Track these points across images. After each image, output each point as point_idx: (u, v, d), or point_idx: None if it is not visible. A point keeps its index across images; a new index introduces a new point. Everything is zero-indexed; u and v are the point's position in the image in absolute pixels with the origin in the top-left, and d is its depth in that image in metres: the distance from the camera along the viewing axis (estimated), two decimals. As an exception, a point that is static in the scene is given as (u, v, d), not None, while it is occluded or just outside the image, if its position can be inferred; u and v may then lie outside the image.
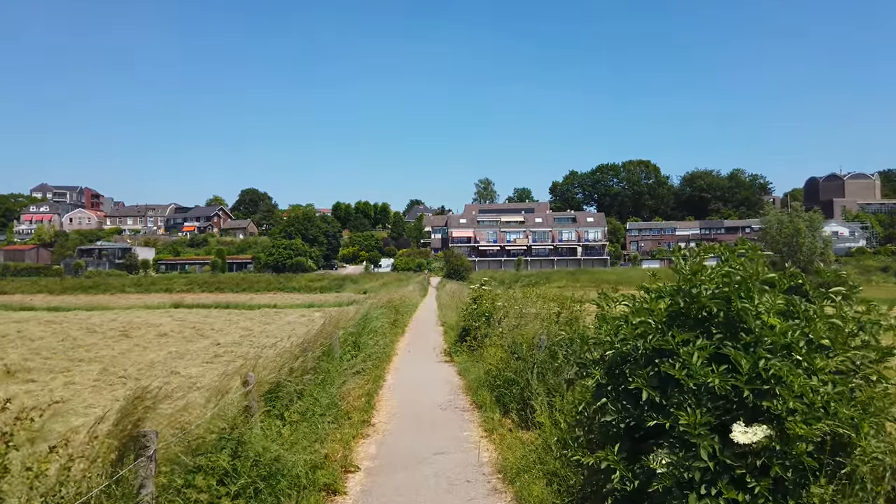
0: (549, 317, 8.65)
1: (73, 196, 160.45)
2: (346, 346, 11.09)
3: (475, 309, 13.64)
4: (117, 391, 13.42)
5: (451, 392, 10.31)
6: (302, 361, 6.77)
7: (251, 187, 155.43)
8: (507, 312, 11.50)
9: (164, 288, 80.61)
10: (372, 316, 16.07)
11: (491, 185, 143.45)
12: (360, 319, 14.50)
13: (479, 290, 14.37)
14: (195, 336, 26.72)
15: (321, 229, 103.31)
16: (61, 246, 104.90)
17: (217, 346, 22.24)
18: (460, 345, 14.09)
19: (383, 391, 10.38)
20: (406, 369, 13.06)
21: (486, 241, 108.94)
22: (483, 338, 11.87)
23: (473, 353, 12.45)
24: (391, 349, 15.25)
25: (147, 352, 21.55)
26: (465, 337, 14.00)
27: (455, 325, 18.06)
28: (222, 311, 46.34)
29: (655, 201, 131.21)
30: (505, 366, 8.28)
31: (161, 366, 17.24)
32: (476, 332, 12.73)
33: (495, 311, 12.11)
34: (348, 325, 12.59)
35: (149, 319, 38.12)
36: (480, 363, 10.72)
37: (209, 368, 16.52)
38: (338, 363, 9.29)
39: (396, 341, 17.71)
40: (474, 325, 13.07)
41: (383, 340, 14.68)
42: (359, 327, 13.70)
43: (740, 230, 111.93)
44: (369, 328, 14.45)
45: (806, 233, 50.02)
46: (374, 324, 15.21)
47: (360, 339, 12.63)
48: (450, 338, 17.07)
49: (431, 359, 14.53)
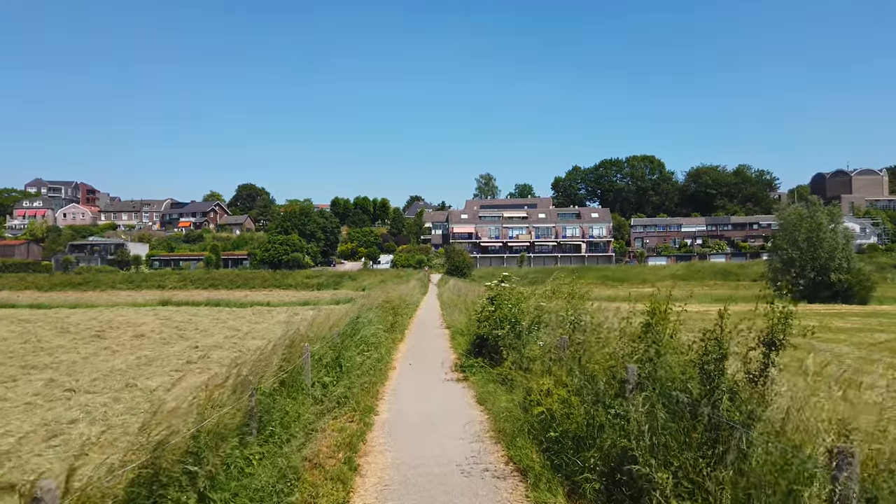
0: (631, 331, 5.56)
1: (68, 191, 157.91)
2: (321, 369, 8.36)
3: (493, 312, 10.95)
4: (54, 410, 11.05)
5: (473, 436, 7.26)
6: (224, 415, 4.11)
7: (248, 182, 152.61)
8: (541, 318, 8.97)
9: (157, 284, 78.22)
10: (363, 321, 13.35)
11: (492, 180, 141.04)
12: (347, 325, 11.70)
13: (496, 287, 11.68)
14: (174, 337, 24.33)
15: (319, 225, 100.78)
16: (52, 241, 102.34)
17: (195, 350, 19.86)
18: (475, 357, 11.50)
19: (373, 434, 7.44)
20: (406, 393, 10.13)
21: (487, 236, 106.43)
22: (510, 351, 9.35)
23: (494, 368, 9.97)
24: (387, 361, 12.54)
25: (115, 356, 19.14)
26: (481, 348, 11.49)
27: (464, 329, 15.43)
28: (212, 308, 43.97)
29: (660, 197, 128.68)
30: (565, 407, 5.33)
31: (121, 375, 14.81)
32: (497, 342, 10.18)
33: (522, 316, 9.56)
34: (329, 334, 9.92)
35: (132, 318, 35.83)
36: (510, 390, 8.18)
37: (175, 380, 14.10)
38: (304, 400, 6.61)
39: (394, 350, 14.98)
40: (494, 333, 10.42)
41: (377, 353, 11.98)
42: (344, 337, 10.83)
43: (747, 226, 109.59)
44: (359, 337, 11.67)
45: (826, 227, 47.52)
46: (365, 331, 12.38)
47: (345, 353, 9.75)
48: (458, 345, 14.46)
49: (438, 376, 11.70)
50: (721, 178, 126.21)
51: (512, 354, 8.93)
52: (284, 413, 5.33)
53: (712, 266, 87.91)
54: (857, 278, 46.83)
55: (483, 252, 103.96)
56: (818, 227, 47.55)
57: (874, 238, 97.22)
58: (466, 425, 7.70)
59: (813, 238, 47.53)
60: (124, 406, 10.79)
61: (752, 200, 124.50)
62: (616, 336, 6.01)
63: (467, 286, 36.14)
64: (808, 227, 47.55)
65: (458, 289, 33.06)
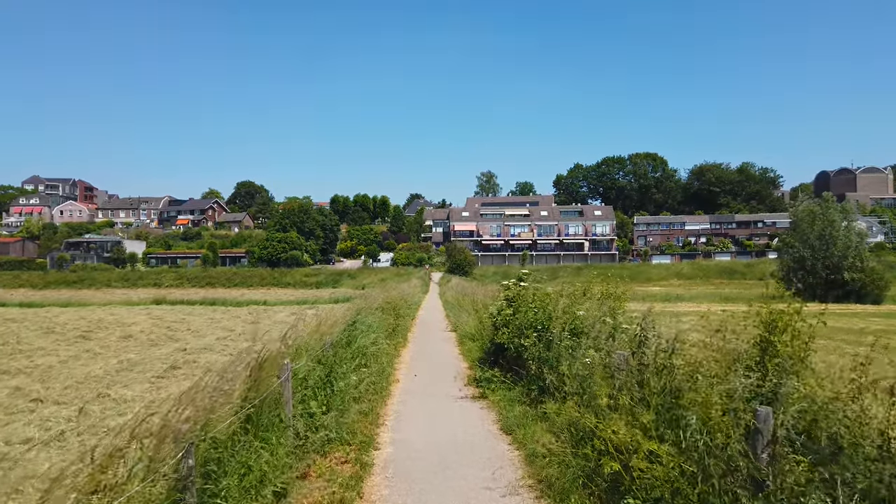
0: (729, 349, 3.95)
1: (65, 188, 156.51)
2: (307, 392, 6.33)
3: (512, 316, 9.31)
4: (11, 426, 9.74)
5: (507, 487, 5.45)
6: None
7: (248, 180, 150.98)
8: (575, 324, 7.52)
9: (153, 283, 76.93)
10: (361, 326, 11.40)
11: (493, 177, 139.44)
12: (341, 332, 9.71)
13: (516, 287, 10.02)
14: (163, 339, 23.01)
15: (318, 222, 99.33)
16: (47, 239, 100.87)
17: (182, 353, 18.53)
18: (490, 368, 9.88)
19: (373, 481, 5.62)
20: (414, 416, 8.24)
21: (489, 234, 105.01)
22: (541, 366, 7.59)
23: (517, 385, 8.41)
24: (389, 373, 10.78)
25: (96, 360, 17.84)
26: (497, 357, 10.02)
27: (474, 332, 13.92)
28: (207, 308, 42.65)
29: (662, 195, 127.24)
30: (657, 468, 3.56)
31: (96, 382, 13.48)
32: (521, 352, 8.47)
33: (552, 323, 8.02)
34: (318, 344, 7.92)
35: (123, 317, 34.58)
36: (544, 415, 6.71)
37: (154, 387, 12.83)
38: (281, 439, 4.75)
39: (396, 358, 13.30)
40: (517, 342, 8.72)
41: (377, 364, 10.13)
42: (337, 348, 8.77)
43: (752, 224, 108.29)
44: (355, 347, 9.49)
45: (839, 225, 46.18)
46: (363, 339, 10.25)
47: (337, 369, 7.53)
48: (468, 351, 12.92)
49: (450, 391, 9.88)
50: (725, 176, 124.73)
51: (547, 373, 7.17)
52: (246, 469, 3.78)
53: (718, 265, 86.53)
54: (871, 277, 45.49)
55: (484, 250, 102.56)
56: (831, 225, 46.23)
57: (881, 236, 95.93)
58: (496, 470, 5.83)
59: (826, 236, 46.20)
60: (91, 422, 9.45)
61: (756, 198, 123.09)
62: (715, 359, 4.11)
63: (472, 285, 34.77)
64: (821, 224, 46.22)
65: (462, 288, 31.63)
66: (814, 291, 46.22)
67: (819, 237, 46.11)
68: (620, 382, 4.82)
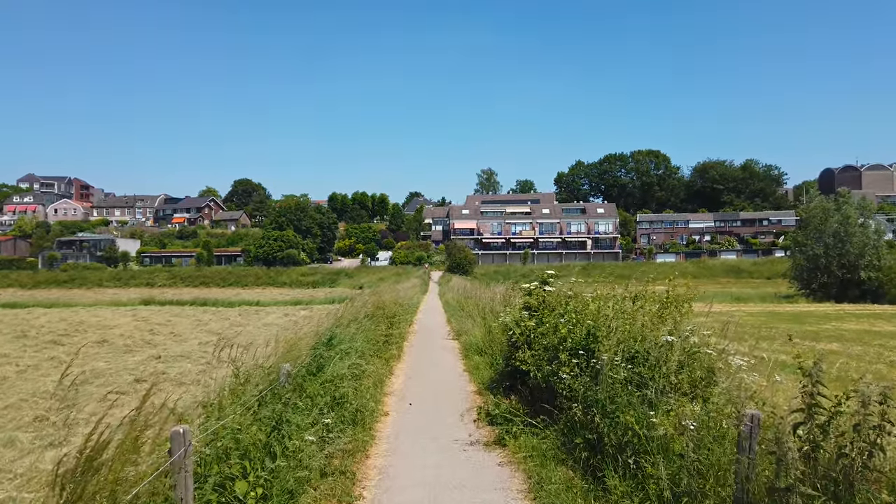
0: None
1: (61, 187, 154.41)
2: (228, 472, 3.95)
3: (535, 332, 7.00)
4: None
5: None
6: None
7: (245, 178, 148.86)
8: (640, 347, 5.36)
9: (145, 282, 75.18)
10: (340, 345, 8.67)
11: (494, 175, 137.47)
12: (310, 354, 7.08)
13: (538, 291, 7.90)
14: (140, 344, 21.26)
15: (315, 220, 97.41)
16: (39, 237, 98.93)
17: (155, 362, 16.77)
18: (506, 396, 7.69)
19: None
20: (406, 479, 5.76)
21: (490, 233, 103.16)
22: (588, 409, 5.31)
23: (548, 426, 6.15)
24: (373, 407, 8.20)
25: (58, 369, 16.01)
26: (514, 382, 7.87)
27: (481, 344, 11.84)
28: (197, 308, 40.90)
29: (665, 192, 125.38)
30: None
31: (44, 400, 11.67)
32: (553, 383, 6.18)
33: (599, 343, 5.79)
34: (267, 379, 5.73)
35: (106, 319, 32.86)
36: (601, 488, 4.62)
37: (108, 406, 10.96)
38: None
39: (388, 376, 10.92)
40: (547, 369, 6.43)
41: (358, 398, 7.46)
42: (297, 380, 6.50)
43: (757, 222, 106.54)
44: (327, 377, 6.85)
45: (855, 221, 44.41)
46: (335, 367, 7.40)
47: (291, 420, 5.19)
48: (475, 368, 10.75)
49: (456, 432, 7.34)
50: (728, 174, 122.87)
51: (603, 424, 4.77)
52: None
53: (724, 263, 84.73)
54: (889, 276, 43.72)
55: (485, 249, 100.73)
56: (846, 221, 44.46)
57: (890, 234, 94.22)
58: None
59: (841, 233, 44.43)
60: (8, 458, 7.66)
61: (760, 196, 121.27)
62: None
63: (474, 285, 32.91)
64: (836, 221, 44.44)
65: (464, 289, 29.74)
66: (828, 291, 44.51)
67: (834, 235, 44.35)
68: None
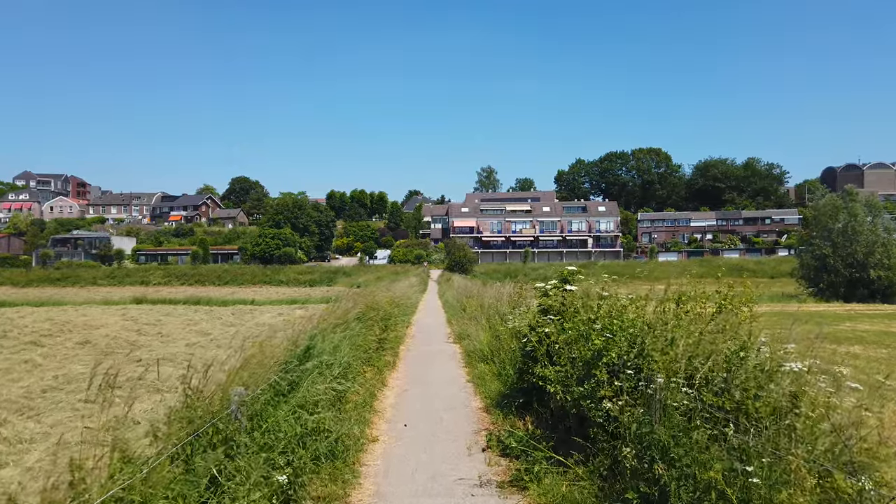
0: None
1: (57, 184, 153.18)
2: None
3: (558, 341, 5.67)
4: None
5: None
6: None
7: (243, 176, 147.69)
8: (711, 367, 3.82)
9: (140, 280, 74.11)
10: (320, 357, 7.10)
11: (494, 173, 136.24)
12: (279, 370, 5.50)
13: (557, 292, 6.65)
14: (124, 346, 20.21)
15: (313, 218, 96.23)
16: (34, 235, 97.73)
17: (135, 365, 15.68)
18: (520, 416, 6.44)
19: None
20: None
21: (489, 231, 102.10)
22: (644, 452, 3.79)
23: (582, 463, 4.66)
24: (363, 428, 6.81)
25: (31, 374, 15.10)
26: (531, 398, 6.54)
27: (487, 350, 10.46)
28: (189, 308, 39.76)
29: (666, 191, 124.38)
30: None
31: (5, 409, 10.62)
32: (586, 409, 4.75)
33: (650, 360, 4.37)
34: (219, 408, 4.46)
35: (94, 319, 31.78)
36: None
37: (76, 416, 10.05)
38: None
39: (380, 391, 9.34)
40: (577, 391, 4.99)
41: (339, 425, 5.88)
42: (260, 407, 5.23)
43: (759, 221, 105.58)
44: (296, 401, 5.50)
45: (864, 219, 43.43)
46: (309, 388, 5.97)
47: (238, 467, 3.88)
48: (480, 378, 9.39)
49: (463, 468, 5.68)
50: (730, 172, 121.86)
51: (668, 477, 3.49)
52: None
53: (727, 262, 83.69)
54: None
55: (485, 247, 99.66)
56: (854, 219, 43.49)
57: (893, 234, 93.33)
58: None
59: (849, 231, 43.45)
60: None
61: (762, 195, 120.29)
62: None
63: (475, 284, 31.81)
64: (844, 219, 43.47)
65: (466, 288, 28.62)
66: (836, 290, 43.55)
67: (842, 233, 43.37)
68: None
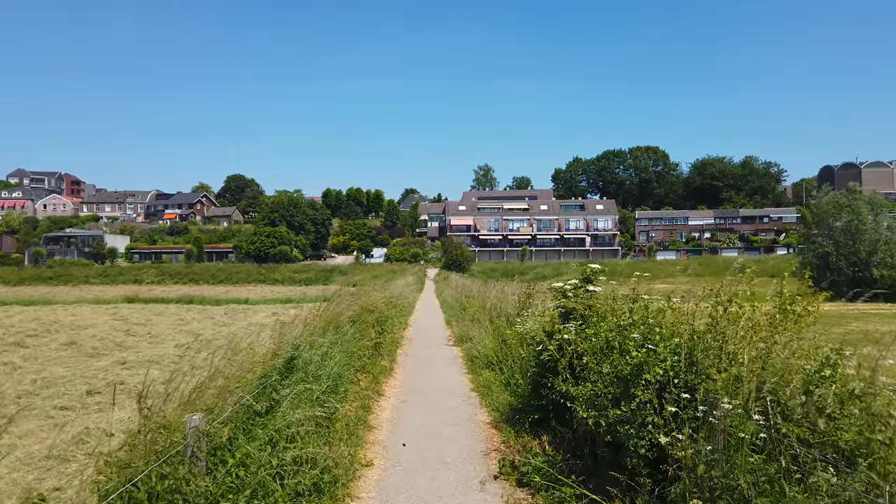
0: None
1: (51, 182, 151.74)
2: None
3: (582, 351, 5.00)
4: None
5: None
6: None
7: (238, 174, 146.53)
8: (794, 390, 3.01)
9: (133, 279, 73.20)
10: (308, 365, 6.32)
11: (491, 171, 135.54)
12: (255, 387, 4.59)
13: (579, 294, 5.93)
14: (110, 347, 19.46)
15: (308, 216, 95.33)
16: (26, 233, 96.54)
17: (119, 368, 14.98)
18: (534, 434, 5.78)
19: None
20: None
21: (487, 229, 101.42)
22: (713, 492, 2.93)
23: (618, 497, 3.91)
24: (355, 450, 5.96)
25: (11, 376, 14.32)
26: (547, 414, 5.79)
27: (492, 355, 9.79)
28: (182, 307, 38.97)
29: (664, 189, 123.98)
30: None
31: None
32: (634, 446, 3.82)
33: (715, 377, 3.60)
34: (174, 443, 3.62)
35: (83, 318, 30.97)
36: None
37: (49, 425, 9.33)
38: None
39: (373, 405, 8.49)
40: (613, 413, 4.17)
41: (328, 452, 5.09)
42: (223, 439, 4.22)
43: (757, 219, 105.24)
44: (274, 427, 4.55)
45: (867, 218, 42.85)
46: (293, 411, 4.97)
47: None
48: (485, 387, 8.71)
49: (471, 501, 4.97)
50: (728, 170, 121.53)
51: None
52: None
53: (726, 261, 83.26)
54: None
55: (482, 245, 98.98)
56: (858, 217, 42.89)
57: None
58: None
59: (852, 230, 42.86)
60: None
61: (760, 193, 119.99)
62: None
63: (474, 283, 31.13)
64: (847, 217, 42.89)
65: (463, 287, 27.93)
66: (839, 290, 42.96)
67: (844, 231, 42.77)
68: None
